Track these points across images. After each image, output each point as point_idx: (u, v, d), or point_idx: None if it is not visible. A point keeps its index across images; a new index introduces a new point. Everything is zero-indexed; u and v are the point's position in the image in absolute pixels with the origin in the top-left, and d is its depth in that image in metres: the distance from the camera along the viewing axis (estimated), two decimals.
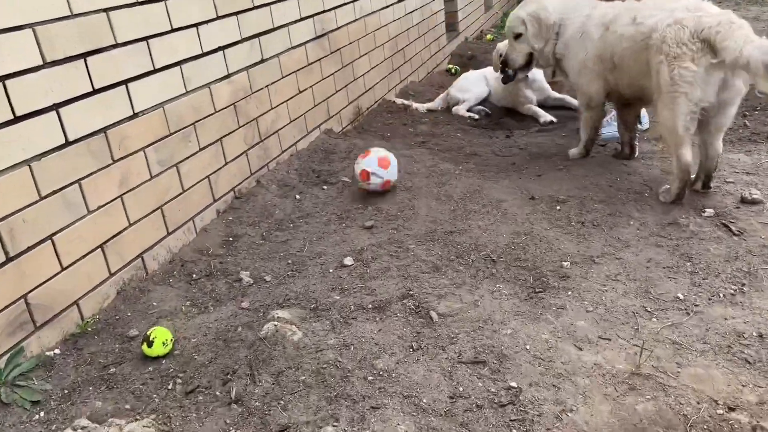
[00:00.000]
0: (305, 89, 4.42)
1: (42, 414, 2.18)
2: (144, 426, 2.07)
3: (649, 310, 2.55)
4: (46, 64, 2.45)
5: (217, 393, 2.21)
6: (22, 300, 2.37)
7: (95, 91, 2.66)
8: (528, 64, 4.24)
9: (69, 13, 2.55)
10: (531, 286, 2.78)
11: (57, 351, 2.47)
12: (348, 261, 3.03)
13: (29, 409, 2.19)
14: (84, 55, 2.61)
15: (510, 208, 3.48)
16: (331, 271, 2.98)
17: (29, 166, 2.39)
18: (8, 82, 2.31)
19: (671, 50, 3.23)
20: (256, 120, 3.83)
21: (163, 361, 2.40)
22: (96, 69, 2.66)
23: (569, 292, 2.70)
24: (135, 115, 2.88)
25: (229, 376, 2.27)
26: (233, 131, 3.61)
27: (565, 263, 2.91)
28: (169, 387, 2.26)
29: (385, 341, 2.43)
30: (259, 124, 3.86)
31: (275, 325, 2.46)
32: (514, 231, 3.23)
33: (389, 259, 3.05)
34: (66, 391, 2.27)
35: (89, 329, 2.60)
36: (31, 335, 2.41)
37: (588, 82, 3.93)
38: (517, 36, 4.14)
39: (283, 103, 4.13)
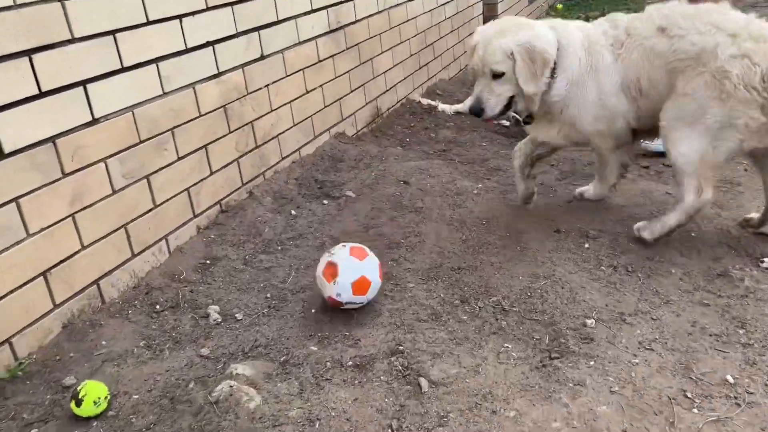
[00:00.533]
0: (314, 89, 3.99)
1: None
2: None
3: (689, 395, 2.07)
4: None
5: None
6: None
7: (42, 94, 2.28)
8: (505, 110, 3.05)
9: (11, 3, 2.16)
10: (546, 348, 2.31)
11: None
12: None
13: None
14: (29, 53, 2.22)
15: (530, 242, 3.00)
16: (313, 311, 2.57)
17: None
18: None
19: (738, 93, 2.59)
20: (251, 124, 3.42)
21: (95, 423, 2.02)
22: (45, 68, 2.28)
23: (591, 362, 2.23)
24: (95, 121, 2.49)
25: None
26: (222, 137, 3.20)
27: (589, 321, 2.44)
28: None
29: (359, 417, 2.00)
30: (255, 128, 3.45)
31: (231, 387, 2.05)
32: (532, 273, 2.76)
33: (383, 300, 2.62)
34: None
35: (21, 373, 2.23)
36: None
37: (609, 125, 3.02)
38: (498, 75, 2.92)
39: (286, 104, 3.71)
